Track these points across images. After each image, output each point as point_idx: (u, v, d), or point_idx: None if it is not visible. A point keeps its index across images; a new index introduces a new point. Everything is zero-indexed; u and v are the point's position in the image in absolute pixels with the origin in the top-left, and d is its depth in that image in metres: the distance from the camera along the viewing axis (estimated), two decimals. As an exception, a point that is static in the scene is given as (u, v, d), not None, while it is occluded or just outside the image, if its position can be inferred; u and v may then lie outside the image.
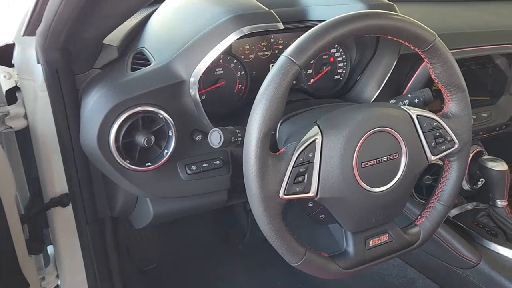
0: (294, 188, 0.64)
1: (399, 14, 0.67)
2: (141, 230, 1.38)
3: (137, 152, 0.76)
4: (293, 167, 0.63)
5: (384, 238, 0.74)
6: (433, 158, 0.73)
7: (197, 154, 0.83)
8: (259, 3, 0.79)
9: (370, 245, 0.73)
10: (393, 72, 0.94)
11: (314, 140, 0.65)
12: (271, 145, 0.64)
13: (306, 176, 0.65)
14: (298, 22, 0.88)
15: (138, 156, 0.76)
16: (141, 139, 0.74)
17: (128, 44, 0.84)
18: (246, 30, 0.74)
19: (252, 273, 1.47)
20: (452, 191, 0.77)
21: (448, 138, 0.74)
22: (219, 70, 0.87)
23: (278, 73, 0.61)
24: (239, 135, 0.72)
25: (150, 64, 0.78)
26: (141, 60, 0.81)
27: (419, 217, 0.79)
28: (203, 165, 0.82)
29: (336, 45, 0.98)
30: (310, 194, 0.65)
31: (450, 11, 1.26)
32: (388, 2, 0.86)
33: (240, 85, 0.91)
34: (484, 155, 1.24)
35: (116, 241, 1.02)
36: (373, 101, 0.95)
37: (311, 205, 0.69)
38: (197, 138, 0.81)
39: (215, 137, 0.70)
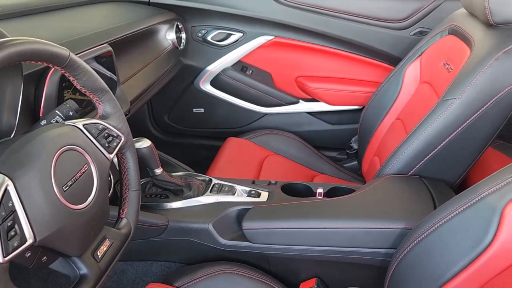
0: (11, 245, 0.57)
1: (33, 38, 0.67)
2: None
3: None
4: None
5: (107, 243, 0.78)
6: (111, 156, 0.81)
7: None
8: None
9: (99, 256, 0.75)
10: (22, 96, 0.90)
11: (6, 188, 0.59)
12: None
13: (16, 227, 0.59)
14: None
15: None
16: None
17: None
18: None
19: None
20: (136, 176, 0.89)
21: (114, 134, 0.83)
22: None
23: None
24: None
25: None
26: None
27: (121, 211, 0.86)
28: None
29: None
30: (30, 242, 0.60)
31: (34, 25, 1.27)
32: (-6, 28, 0.81)
33: None
34: None
35: None
36: (16, 130, 0.90)
37: (29, 254, 0.64)
38: None
39: None
